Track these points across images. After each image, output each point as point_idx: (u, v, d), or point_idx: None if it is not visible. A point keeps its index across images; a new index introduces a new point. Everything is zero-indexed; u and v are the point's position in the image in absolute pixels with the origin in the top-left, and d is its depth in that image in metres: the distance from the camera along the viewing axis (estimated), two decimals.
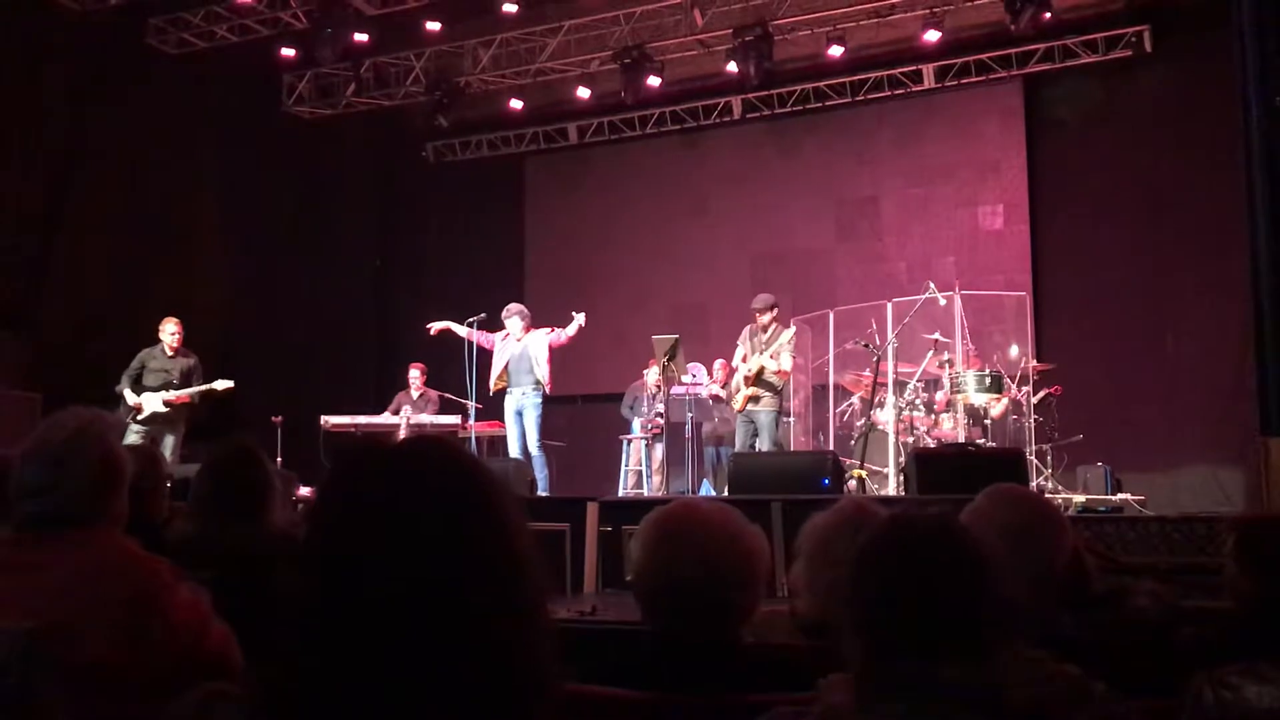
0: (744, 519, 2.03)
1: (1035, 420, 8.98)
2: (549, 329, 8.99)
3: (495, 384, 9.01)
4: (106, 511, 2.19)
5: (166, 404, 8.54)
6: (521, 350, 8.91)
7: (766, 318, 8.78)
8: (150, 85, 10.66)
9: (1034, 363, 9.36)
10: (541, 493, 8.36)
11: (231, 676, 2.05)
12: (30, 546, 2.13)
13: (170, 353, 8.71)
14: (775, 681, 1.75)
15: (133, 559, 2.17)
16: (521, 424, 8.86)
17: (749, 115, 12.40)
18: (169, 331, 8.71)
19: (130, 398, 8.49)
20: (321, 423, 9.66)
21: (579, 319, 8.91)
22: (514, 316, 9.00)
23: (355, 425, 9.74)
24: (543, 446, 8.86)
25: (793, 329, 8.84)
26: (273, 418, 9.64)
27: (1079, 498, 8.27)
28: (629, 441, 10.76)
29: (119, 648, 2.01)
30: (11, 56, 9.41)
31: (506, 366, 8.94)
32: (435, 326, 9.22)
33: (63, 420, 2.23)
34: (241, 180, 11.64)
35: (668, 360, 8.88)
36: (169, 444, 8.59)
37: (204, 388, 8.67)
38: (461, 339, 9.12)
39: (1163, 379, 10.11)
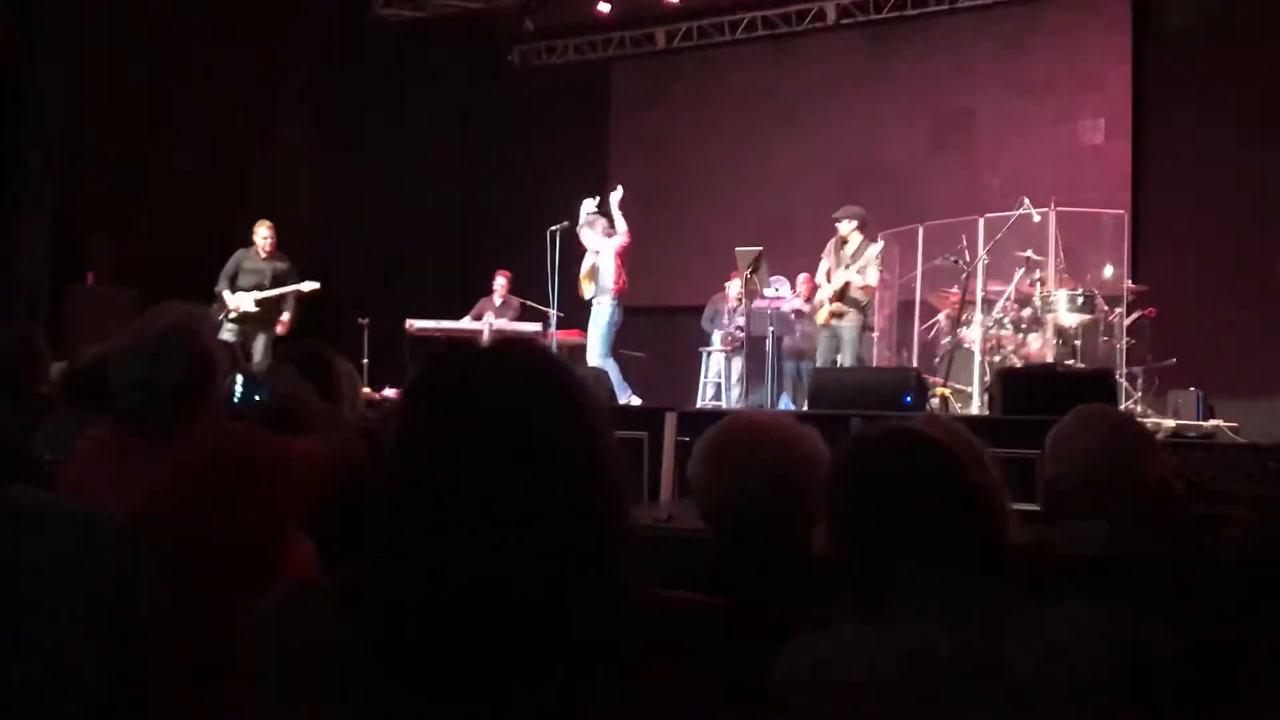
0: (798, 424, 2.03)
1: (1128, 343, 8.76)
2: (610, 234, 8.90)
3: (582, 288, 9.01)
4: (202, 404, 2.26)
5: (258, 304, 8.76)
6: (596, 262, 8.91)
7: (847, 228, 8.62)
8: None
9: (1129, 283, 9.10)
10: (622, 400, 8.41)
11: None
12: (129, 437, 2.21)
13: (264, 255, 8.91)
14: None
15: (245, 431, 2.27)
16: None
17: (843, 21, 12.06)
18: (261, 235, 8.90)
19: (228, 299, 8.73)
20: (407, 326, 9.83)
21: (615, 196, 8.85)
22: (585, 228, 8.96)
23: (440, 330, 9.89)
24: (611, 355, 8.82)
25: (880, 244, 8.67)
26: (359, 320, 9.83)
27: (1169, 422, 8.08)
28: (709, 354, 10.75)
29: (226, 523, 2.11)
30: None
31: (591, 275, 8.94)
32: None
33: (159, 315, 2.29)
34: (330, 84, 11.69)
35: (750, 273, 8.79)
36: (260, 343, 8.82)
37: (290, 288, 8.86)
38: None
39: (1264, 304, 9.74)
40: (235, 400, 2.40)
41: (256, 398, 2.42)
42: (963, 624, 1.39)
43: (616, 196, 8.90)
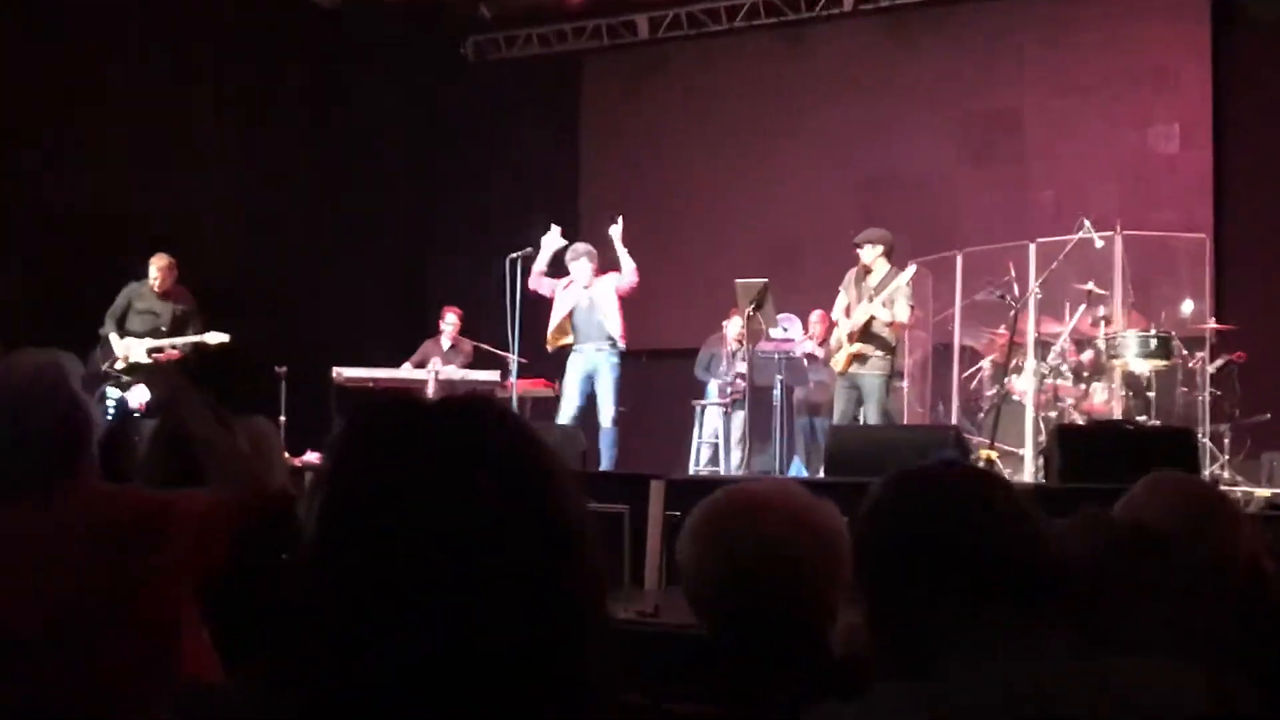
0: (810, 495, 2.04)
1: (1212, 394, 8.82)
2: (618, 273, 8.96)
3: (553, 340, 8.97)
4: (75, 467, 2.27)
5: (151, 353, 8.69)
6: (590, 300, 8.90)
7: (871, 255, 8.65)
8: None
9: (1212, 322, 9.18)
10: (603, 469, 8.41)
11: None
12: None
13: (158, 292, 8.84)
14: None
15: (117, 491, 2.30)
16: (589, 389, 8.86)
17: (861, 6, 12.23)
18: (154, 270, 8.81)
19: (115, 344, 8.64)
20: (334, 375, 9.76)
21: (616, 230, 8.94)
22: (582, 258, 8.94)
23: (373, 379, 9.84)
24: (618, 419, 8.85)
25: (911, 269, 8.66)
26: (276, 368, 9.75)
27: (1262, 491, 8.13)
28: (703, 408, 10.77)
29: (105, 607, 2.11)
30: None
31: (571, 319, 8.94)
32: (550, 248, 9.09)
33: (14, 368, 2.30)
34: (250, 82, 11.67)
35: (753, 310, 8.85)
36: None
37: (194, 339, 8.82)
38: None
39: None
40: (108, 418, 2.46)
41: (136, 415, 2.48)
42: (1019, 676, 1.40)
43: (618, 229, 8.95)
